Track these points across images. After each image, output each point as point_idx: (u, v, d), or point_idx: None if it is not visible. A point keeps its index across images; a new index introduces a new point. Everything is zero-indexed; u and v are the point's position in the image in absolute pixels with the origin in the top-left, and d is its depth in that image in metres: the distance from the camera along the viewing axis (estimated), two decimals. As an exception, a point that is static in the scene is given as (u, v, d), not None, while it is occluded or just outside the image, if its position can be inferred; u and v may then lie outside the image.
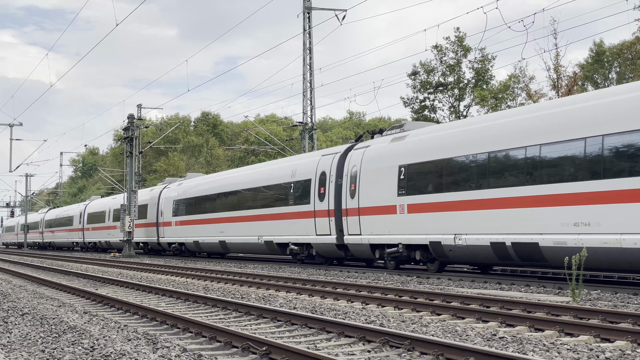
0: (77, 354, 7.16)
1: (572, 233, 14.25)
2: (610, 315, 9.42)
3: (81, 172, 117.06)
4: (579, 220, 14.13)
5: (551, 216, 14.83)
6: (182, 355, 7.09)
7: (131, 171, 40.48)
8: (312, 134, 36.65)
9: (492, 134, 16.80)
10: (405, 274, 18.98)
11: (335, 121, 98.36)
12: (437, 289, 14.12)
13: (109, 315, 10.92)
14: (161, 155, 74.52)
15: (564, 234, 14.46)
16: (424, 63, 43.05)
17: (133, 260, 33.59)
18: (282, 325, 9.45)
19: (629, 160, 13.42)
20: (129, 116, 41.62)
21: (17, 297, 13.83)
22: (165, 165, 70.54)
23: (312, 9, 35.89)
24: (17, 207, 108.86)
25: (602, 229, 13.71)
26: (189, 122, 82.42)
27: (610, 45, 43.22)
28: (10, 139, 56.69)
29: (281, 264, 25.93)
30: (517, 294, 13.03)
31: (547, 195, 14.94)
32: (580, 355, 6.95)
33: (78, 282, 18.73)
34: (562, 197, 14.58)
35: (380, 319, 9.84)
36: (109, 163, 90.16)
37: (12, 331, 8.95)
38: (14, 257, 41.75)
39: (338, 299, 12.73)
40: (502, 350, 7.18)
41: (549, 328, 8.72)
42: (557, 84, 38.71)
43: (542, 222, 15.04)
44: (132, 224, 39.49)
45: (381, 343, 7.60)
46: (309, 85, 35.91)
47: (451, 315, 10.22)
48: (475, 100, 42.33)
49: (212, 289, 15.39)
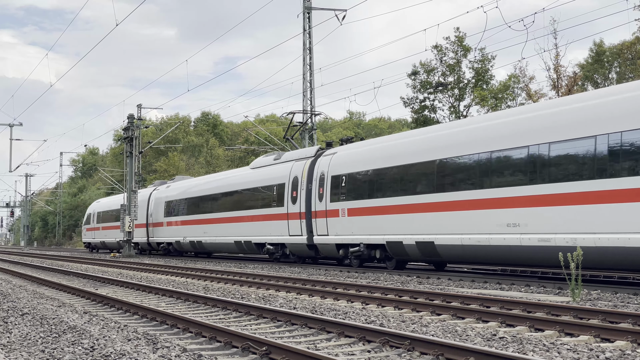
0: (77, 354, 7.16)
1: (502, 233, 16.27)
2: (610, 315, 9.41)
3: (81, 172, 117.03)
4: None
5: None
6: (182, 355, 7.09)
7: (131, 171, 40.46)
8: (312, 134, 36.65)
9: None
10: (406, 274, 19.00)
11: (336, 121, 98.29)
12: (437, 289, 14.12)
13: (109, 315, 10.91)
14: (161, 155, 74.51)
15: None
16: (424, 63, 43.04)
17: (133, 260, 33.60)
18: (282, 325, 9.44)
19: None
20: (129, 116, 41.61)
21: (17, 297, 13.82)
22: (165, 165, 70.54)
23: (312, 9, 35.89)
24: (17, 207, 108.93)
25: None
26: (189, 122, 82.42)
27: (610, 45, 43.23)
28: (10, 139, 56.77)
29: (281, 264, 26.00)
30: (517, 294, 13.03)
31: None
32: (580, 355, 6.94)
33: (78, 282, 18.72)
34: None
35: (380, 319, 9.84)
36: (109, 163, 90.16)
37: (12, 331, 8.95)
38: (14, 257, 41.74)
39: (338, 299, 12.73)
40: (502, 350, 7.18)
41: (549, 328, 8.72)
42: (557, 84, 38.69)
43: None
44: (132, 224, 39.50)
45: (381, 343, 7.60)
46: (309, 85, 35.92)
47: (451, 315, 10.21)
48: (475, 100, 42.32)
49: (212, 289, 15.39)
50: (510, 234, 15.96)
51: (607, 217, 13.83)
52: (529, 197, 15.52)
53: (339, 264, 24.31)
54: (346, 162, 22.64)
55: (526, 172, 15.68)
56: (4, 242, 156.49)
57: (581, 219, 14.37)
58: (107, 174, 70.73)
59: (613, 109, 14.15)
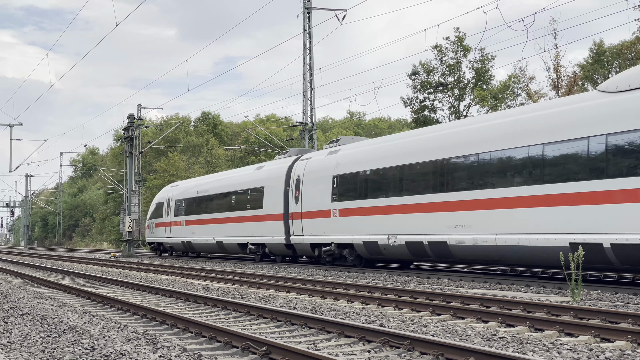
0: (77, 354, 7.16)
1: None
2: (610, 315, 9.41)
3: (81, 172, 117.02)
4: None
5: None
6: (182, 355, 7.09)
7: (131, 171, 40.46)
8: (312, 134, 36.65)
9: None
10: (405, 274, 19.00)
11: (335, 121, 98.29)
12: (437, 289, 14.12)
13: (109, 315, 10.91)
14: (161, 155, 74.43)
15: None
16: (423, 63, 43.00)
17: (133, 260, 33.59)
18: (282, 325, 9.44)
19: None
20: (129, 116, 41.60)
21: (17, 297, 13.82)
22: (165, 165, 70.47)
23: (312, 9, 35.88)
24: (17, 207, 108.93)
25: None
26: (189, 122, 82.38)
27: (610, 45, 43.19)
28: (10, 139, 56.74)
29: (281, 264, 26.01)
30: (517, 294, 13.03)
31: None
32: (580, 355, 6.94)
33: (78, 282, 18.72)
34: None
35: (380, 319, 9.84)
36: (109, 163, 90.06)
37: (12, 331, 8.95)
38: (14, 257, 41.74)
39: (338, 299, 12.73)
40: (502, 350, 7.18)
41: (549, 328, 8.72)
42: (557, 84, 38.68)
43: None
44: (132, 224, 39.47)
45: (381, 343, 7.60)
46: (309, 85, 35.92)
47: (451, 315, 10.21)
48: (475, 100, 42.29)
49: (212, 289, 15.38)
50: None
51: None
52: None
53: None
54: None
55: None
56: (4, 242, 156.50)
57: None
58: (107, 174, 70.69)
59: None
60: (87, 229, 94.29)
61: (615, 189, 13.63)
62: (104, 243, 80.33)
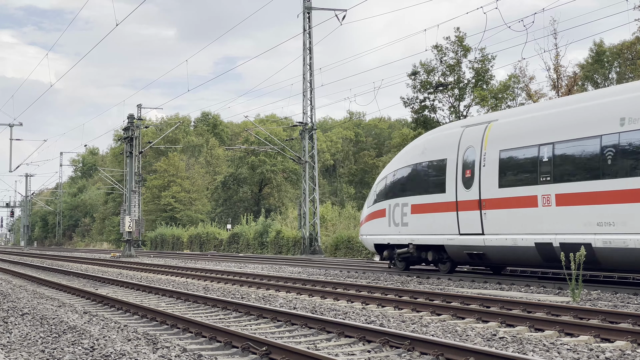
0: (77, 354, 7.16)
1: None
2: (610, 316, 9.41)
3: (81, 172, 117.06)
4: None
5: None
6: (182, 355, 7.09)
7: (131, 171, 40.47)
8: (312, 134, 36.66)
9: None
10: (406, 274, 18.99)
11: (335, 121, 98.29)
12: (437, 289, 14.12)
13: (109, 315, 10.91)
14: (161, 155, 74.46)
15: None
16: (424, 63, 42.99)
17: (133, 260, 33.59)
18: (282, 325, 9.44)
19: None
20: (129, 116, 41.61)
21: (17, 297, 13.82)
22: (165, 165, 70.49)
23: (312, 9, 35.90)
24: (17, 207, 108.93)
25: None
26: (189, 122, 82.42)
27: (610, 45, 43.21)
28: (10, 139, 56.73)
29: (281, 265, 25.88)
30: (517, 294, 13.03)
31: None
32: (580, 355, 6.94)
33: (78, 282, 18.72)
34: None
35: (380, 319, 9.83)
36: (109, 163, 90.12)
37: (12, 331, 8.94)
38: (14, 257, 41.74)
39: (338, 299, 12.73)
40: (502, 350, 7.18)
41: (549, 328, 8.72)
42: (557, 84, 38.66)
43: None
44: (132, 223, 39.48)
45: (381, 343, 7.60)
46: (309, 85, 35.93)
47: (451, 315, 10.21)
48: (475, 100, 42.29)
49: (212, 289, 15.38)
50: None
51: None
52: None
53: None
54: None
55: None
56: (4, 242, 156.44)
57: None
58: (107, 174, 70.68)
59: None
60: (87, 229, 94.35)
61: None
62: (103, 243, 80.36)
